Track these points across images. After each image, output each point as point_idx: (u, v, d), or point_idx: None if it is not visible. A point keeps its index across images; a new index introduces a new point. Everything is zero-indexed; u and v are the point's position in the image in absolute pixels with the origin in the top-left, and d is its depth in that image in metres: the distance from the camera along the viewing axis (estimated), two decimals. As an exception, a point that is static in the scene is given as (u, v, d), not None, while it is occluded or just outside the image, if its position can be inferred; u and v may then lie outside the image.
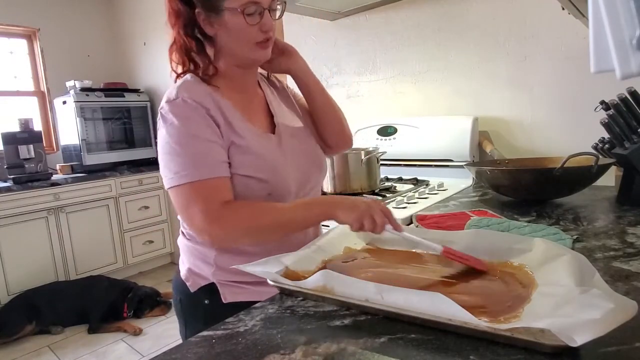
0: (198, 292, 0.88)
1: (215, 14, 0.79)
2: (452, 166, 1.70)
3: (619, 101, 1.11)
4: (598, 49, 0.43)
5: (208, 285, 0.87)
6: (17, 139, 2.86)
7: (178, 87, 0.81)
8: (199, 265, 0.89)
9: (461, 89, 1.81)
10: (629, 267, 0.69)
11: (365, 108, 2.18)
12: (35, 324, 2.51)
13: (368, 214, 0.75)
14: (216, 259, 0.86)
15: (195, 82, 0.83)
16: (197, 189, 0.75)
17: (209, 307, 0.87)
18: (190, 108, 0.78)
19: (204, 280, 0.88)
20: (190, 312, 0.91)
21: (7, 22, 3.23)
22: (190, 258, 0.91)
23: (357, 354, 0.49)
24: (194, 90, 0.81)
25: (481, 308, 0.56)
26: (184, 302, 0.92)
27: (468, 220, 1.00)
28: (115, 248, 3.20)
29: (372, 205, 0.76)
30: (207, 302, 0.87)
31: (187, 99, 0.78)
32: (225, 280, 0.86)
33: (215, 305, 0.85)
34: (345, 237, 0.86)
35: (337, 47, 2.23)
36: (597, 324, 0.43)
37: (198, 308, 0.88)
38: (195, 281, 0.89)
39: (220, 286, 0.86)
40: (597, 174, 1.10)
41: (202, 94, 0.81)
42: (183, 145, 0.76)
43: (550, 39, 1.54)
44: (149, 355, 2.24)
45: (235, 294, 0.85)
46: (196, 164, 0.75)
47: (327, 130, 1.01)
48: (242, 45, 0.82)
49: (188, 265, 0.91)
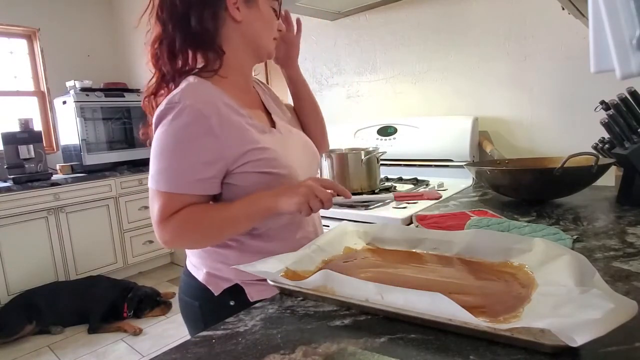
0: (222, 295, 0.86)
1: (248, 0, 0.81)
2: (452, 166, 1.70)
3: (619, 101, 1.11)
4: (598, 49, 0.43)
5: (232, 287, 0.86)
6: (17, 139, 2.86)
7: (182, 90, 0.77)
8: (220, 267, 0.87)
9: (461, 89, 1.81)
10: (629, 267, 0.69)
11: (365, 108, 2.18)
12: (35, 324, 2.51)
13: (311, 194, 0.74)
14: (238, 260, 0.83)
15: (201, 84, 0.80)
16: (165, 197, 0.75)
17: (235, 308, 0.83)
18: (191, 117, 0.74)
19: (226, 283, 0.86)
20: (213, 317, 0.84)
21: (7, 22, 3.23)
22: (208, 262, 0.88)
23: (357, 354, 0.49)
24: (199, 96, 0.77)
25: (481, 308, 0.56)
26: (206, 308, 0.88)
27: (468, 220, 1.00)
28: (115, 248, 3.20)
29: (312, 185, 0.75)
30: (232, 303, 0.85)
31: (189, 107, 0.74)
32: (249, 279, 0.84)
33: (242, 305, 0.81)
34: (345, 237, 0.86)
35: (337, 47, 2.23)
36: (597, 324, 0.43)
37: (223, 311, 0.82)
38: (218, 284, 0.86)
39: (245, 286, 0.85)
40: (597, 174, 1.10)
41: (207, 100, 0.77)
42: (171, 152, 0.75)
43: (550, 39, 1.54)
44: (149, 355, 2.24)
45: (261, 292, 0.82)
46: (177, 176, 0.75)
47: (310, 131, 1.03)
48: (268, 36, 0.84)
49: (206, 269, 0.88)
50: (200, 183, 0.76)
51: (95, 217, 3.06)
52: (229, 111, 0.79)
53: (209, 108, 0.76)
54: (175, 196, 0.75)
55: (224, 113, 0.78)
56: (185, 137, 0.74)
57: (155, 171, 0.76)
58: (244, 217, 0.79)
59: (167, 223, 0.76)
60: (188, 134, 0.74)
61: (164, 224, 0.76)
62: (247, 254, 0.85)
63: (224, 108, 0.78)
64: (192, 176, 0.75)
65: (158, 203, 0.76)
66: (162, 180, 0.75)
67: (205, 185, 0.77)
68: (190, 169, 0.75)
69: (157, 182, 0.76)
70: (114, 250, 3.20)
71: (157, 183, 0.76)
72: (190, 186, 0.75)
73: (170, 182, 0.75)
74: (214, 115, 0.76)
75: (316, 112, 1.05)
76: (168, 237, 0.76)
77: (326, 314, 0.60)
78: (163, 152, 0.75)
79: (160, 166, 0.75)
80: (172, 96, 0.77)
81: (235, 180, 0.80)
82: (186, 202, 0.76)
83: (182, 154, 0.74)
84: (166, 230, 0.76)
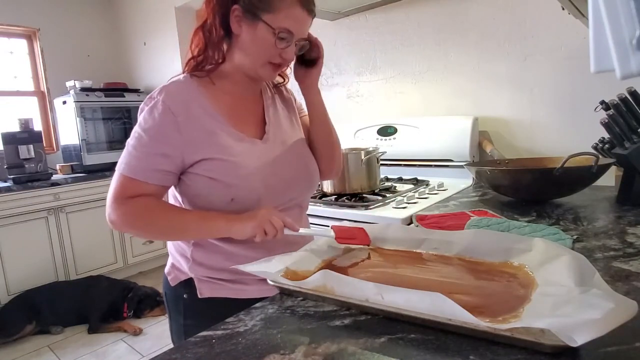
0: (178, 287, 0.91)
1: (250, 18, 0.81)
2: (452, 166, 1.71)
3: (619, 101, 1.11)
4: (598, 49, 0.43)
5: (187, 280, 0.89)
6: (17, 139, 2.86)
7: (163, 86, 0.84)
8: (179, 260, 0.92)
9: (461, 89, 1.81)
10: (629, 267, 0.69)
11: (365, 108, 2.18)
12: (35, 324, 2.51)
13: (266, 219, 0.77)
14: (193, 254, 0.89)
15: (184, 84, 0.85)
16: (123, 180, 0.80)
17: (187, 302, 0.90)
18: (160, 112, 0.80)
19: (183, 275, 0.90)
20: (172, 306, 0.95)
21: (7, 22, 3.23)
22: (175, 253, 0.94)
23: (357, 354, 0.49)
24: (174, 94, 0.83)
25: (481, 308, 0.56)
26: (168, 296, 0.95)
27: (468, 220, 1.00)
28: (115, 248, 3.20)
29: (266, 214, 0.78)
30: (185, 296, 0.90)
31: (161, 103, 0.81)
32: (202, 275, 0.88)
33: (193, 299, 0.88)
34: (345, 237, 0.86)
35: (337, 47, 2.23)
36: (597, 324, 0.43)
37: (178, 302, 0.91)
38: (176, 276, 0.91)
39: (197, 281, 0.88)
40: (597, 174, 1.10)
41: (181, 99, 0.82)
42: (137, 140, 0.81)
43: (550, 39, 1.54)
44: (149, 355, 2.24)
45: (212, 290, 0.87)
46: (137, 163, 0.80)
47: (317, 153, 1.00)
48: (256, 58, 0.84)
49: (172, 260, 0.94)
50: (155, 173, 0.81)
51: (95, 217, 3.06)
52: (202, 113, 0.83)
53: (179, 107, 0.81)
54: (132, 181, 0.80)
55: (194, 114, 0.82)
56: (150, 130, 0.80)
57: (122, 155, 0.82)
58: (194, 229, 0.82)
59: (120, 205, 0.80)
60: (154, 127, 0.80)
61: (117, 205, 0.80)
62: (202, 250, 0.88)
63: (197, 109, 0.83)
64: (150, 165, 0.80)
65: (116, 184, 0.81)
66: (123, 164, 0.81)
67: (160, 176, 0.81)
68: (150, 158, 0.80)
69: (119, 164, 0.82)
70: (114, 250, 3.20)
71: (119, 166, 0.82)
72: (147, 174, 0.80)
73: (130, 168, 0.80)
74: (182, 113, 0.81)
75: (327, 136, 1.00)
76: (116, 219, 0.80)
77: (326, 314, 0.60)
78: (131, 140, 0.82)
79: (126, 152, 0.82)
80: (153, 91, 0.84)
81: (187, 178, 0.84)
82: (142, 190, 0.80)
83: (145, 144, 0.80)
84: (117, 212, 0.80)
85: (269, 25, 0.80)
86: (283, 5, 0.79)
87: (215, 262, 0.87)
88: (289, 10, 0.79)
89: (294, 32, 0.81)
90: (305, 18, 0.83)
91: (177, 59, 3.14)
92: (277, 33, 0.80)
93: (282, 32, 0.80)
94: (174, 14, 3.09)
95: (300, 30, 0.83)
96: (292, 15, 0.80)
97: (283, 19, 0.79)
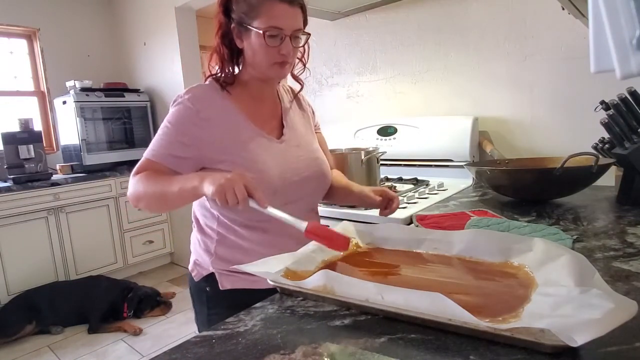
0: (201, 281, 0.99)
1: (244, 30, 0.90)
2: (452, 166, 1.70)
3: (619, 101, 1.11)
4: (598, 49, 0.43)
5: (208, 275, 0.97)
6: (17, 139, 2.86)
7: (191, 87, 0.95)
8: (202, 256, 1.00)
9: (461, 89, 1.81)
10: (629, 267, 0.69)
11: (365, 108, 2.18)
12: (35, 324, 2.51)
13: (230, 186, 0.74)
14: (216, 249, 0.97)
15: (209, 87, 0.96)
16: (144, 161, 0.92)
17: (210, 294, 0.98)
18: (184, 107, 0.92)
19: (205, 271, 0.98)
20: (196, 299, 1.03)
21: (7, 22, 3.22)
22: (198, 250, 1.02)
23: (357, 354, 0.49)
24: (198, 93, 0.94)
25: (481, 308, 0.56)
26: (192, 290, 1.04)
27: (468, 220, 1.00)
28: (115, 248, 3.20)
29: (235, 179, 0.76)
30: (208, 289, 0.98)
31: (186, 100, 0.92)
32: (223, 269, 0.95)
33: (215, 291, 0.95)
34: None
35: (337, 47, 2.23)
36: (597, 324, 0.43)
37: (202, 295, 1.00)
38: (199, 272, 1.00)
39: (218, 275, 0.96)
40: (597, 174, 1.10)
41: (205, 98, 0.93)
42: (162, 129, 0.92)
43: (550, 39, 1.54)
44: (149, 355, 2.24)
45: (232, 282, 0.94)
46: (158, 148, 0.91)
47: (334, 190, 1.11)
48: (260, 62, 0.91)
49: (195, 257, 1.03)
50: (171, 158, 0.90)
51: (95, 217, 3.06)
52: (224, 111, 0.94)
53: (202, 104, 0.92)
54: (150, 162, 0.91)
55: (217, 111, 0.93)
56: (174, 120, 0.92)
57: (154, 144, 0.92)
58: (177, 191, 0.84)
59: (132, 179, 0.91)
60: (177, 119, 0.92)
61: (131, 180, 0.91)
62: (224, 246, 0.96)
63: (220, 108, 0.94)
64: (167, 150, 0.90)
65: (138, 164, 0.92)
66: (149, 149, 0.92)
67: (174, 161, 0.90)
68: (169, 145, 0.90)
69: (146, 151, 0.93)
70: (114, 250, 3.20)
71: (146, 152, 0.92)
72: (163, 157, 0.90)
73: (151, 151, 0.91)
74: (204, 110, 0.92)
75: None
76: (128, 193, 0.91)
77: (326, 314, 0.60)
78: (159, 130, 0.93)
79: (153, 139, 0.93)
80: (183, 91, 0.95)
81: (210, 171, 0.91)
82: (156, 168, 0.90)
83: (168, 132, 0.91)
84: (131, 184, 0.90)
85: (257, 30, 0.87)
86: (263, 7, 0.86)
87: (235, 257, 0.94)
88: (269, 10, 0.86)
89: (282, 27, 0.87)
90: (287, 10, 0.87)
91: (177, 59, 3.13)
92: (264, 33, 0.86)
93: (268, 31, 0.86)
94: (174, 14, 3.09)
95: (287, 23, 0.88)
96: (273, 12, 0.86)
97: (268, 20, 0.86)
